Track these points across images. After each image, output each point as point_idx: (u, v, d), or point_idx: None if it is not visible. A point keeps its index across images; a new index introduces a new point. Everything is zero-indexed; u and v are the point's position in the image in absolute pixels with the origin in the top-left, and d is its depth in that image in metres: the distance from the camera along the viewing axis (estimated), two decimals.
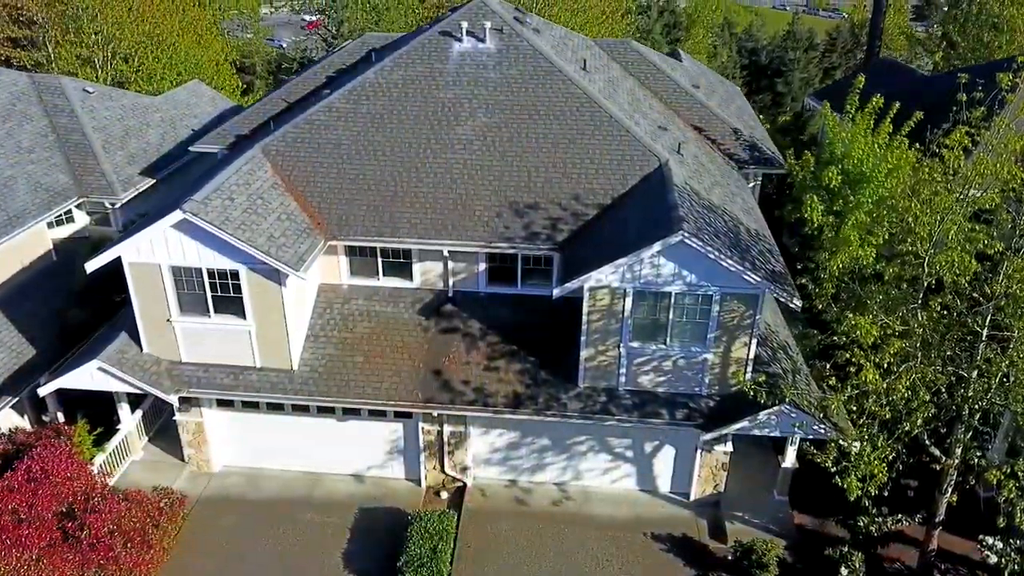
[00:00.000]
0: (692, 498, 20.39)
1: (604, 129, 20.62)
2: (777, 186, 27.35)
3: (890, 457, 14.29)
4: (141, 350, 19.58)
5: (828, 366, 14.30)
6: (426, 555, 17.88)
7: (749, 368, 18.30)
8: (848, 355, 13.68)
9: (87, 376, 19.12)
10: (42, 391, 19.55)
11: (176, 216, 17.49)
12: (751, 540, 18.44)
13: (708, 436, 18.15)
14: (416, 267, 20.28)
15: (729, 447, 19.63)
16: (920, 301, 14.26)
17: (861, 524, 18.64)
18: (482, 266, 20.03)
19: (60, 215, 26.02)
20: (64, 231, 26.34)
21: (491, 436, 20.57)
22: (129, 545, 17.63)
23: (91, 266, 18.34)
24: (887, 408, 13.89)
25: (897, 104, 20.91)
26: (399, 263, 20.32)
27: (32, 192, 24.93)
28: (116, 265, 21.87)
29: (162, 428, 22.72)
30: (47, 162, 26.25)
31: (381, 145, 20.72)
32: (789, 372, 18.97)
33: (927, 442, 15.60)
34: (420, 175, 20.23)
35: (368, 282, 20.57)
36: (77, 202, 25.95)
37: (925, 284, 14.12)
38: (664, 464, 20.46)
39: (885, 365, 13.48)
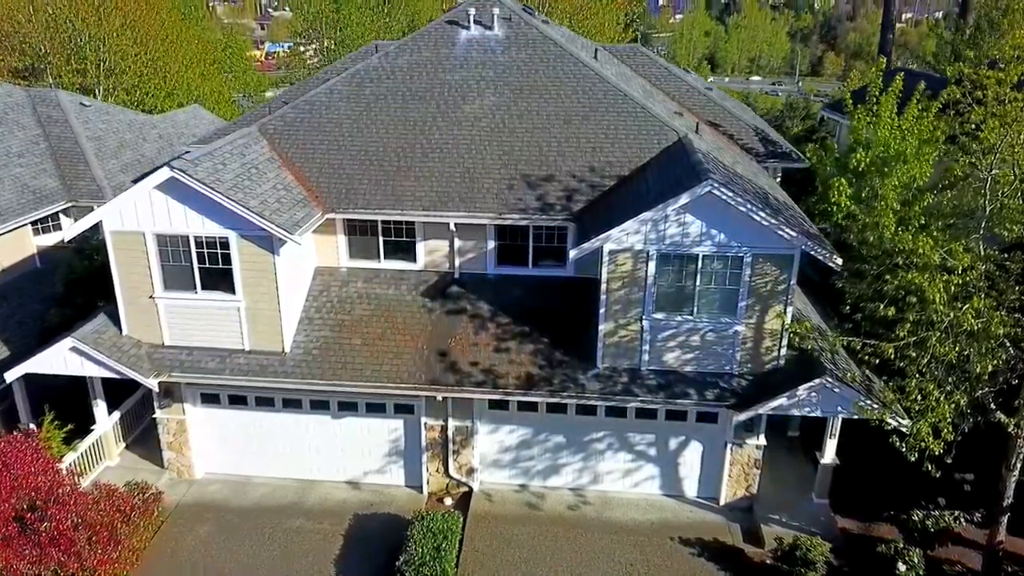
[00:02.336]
0: (722, 502, 18.43)
1: (619, 106, 19.66)
2: (798, 185, 26.23)
3: (961, 402, 12.56)
4: (121, 332, 18.00)
5: (882, 305, 12.74)
6: (428, 554, 15.88)
7: (784, 341, 16.71)
8: (910, 277, 12.14)
9: (59, 358, 17.50)
10: (9, 375, 17.85)
11: (163, 174, 16.25)
12: (794, 537, 16.48)
13: (742, 416, 16.38)
14: (420, 247, 18.90)
15: (762, 440, 17.83)
16: (981, 231, 12.87)
17: (916, 519, 16.70)
18: (491, 244, 18.66)
19: (47, 223, 24.91)
20: (50, 239, 25.07)
21: (500, 434, 18.77)
22: (94, 540, 15.63)
23: (71, 232, 17.07)
24: (954, 346, 12.26)
25: (923, 84, 19.97)
26: (401, 243, 18.96)
27: (18, 193, 23.83)
28: (99, 267, 20.61)
29: (142, 436, 20.92)
30: (36, 167, 25.27)
31: (384, 124, 19.71)
32: (827, 351, 17.34)
33: (992, 405, 13.90)
34: (425, 151, 19.12)
35: (368, 264, 19.16)
36: (65, 206, 24.80)
37: (987, 212, 12.74)
38: (690, 464, 18.58)
39: (952, 290, 11.94)
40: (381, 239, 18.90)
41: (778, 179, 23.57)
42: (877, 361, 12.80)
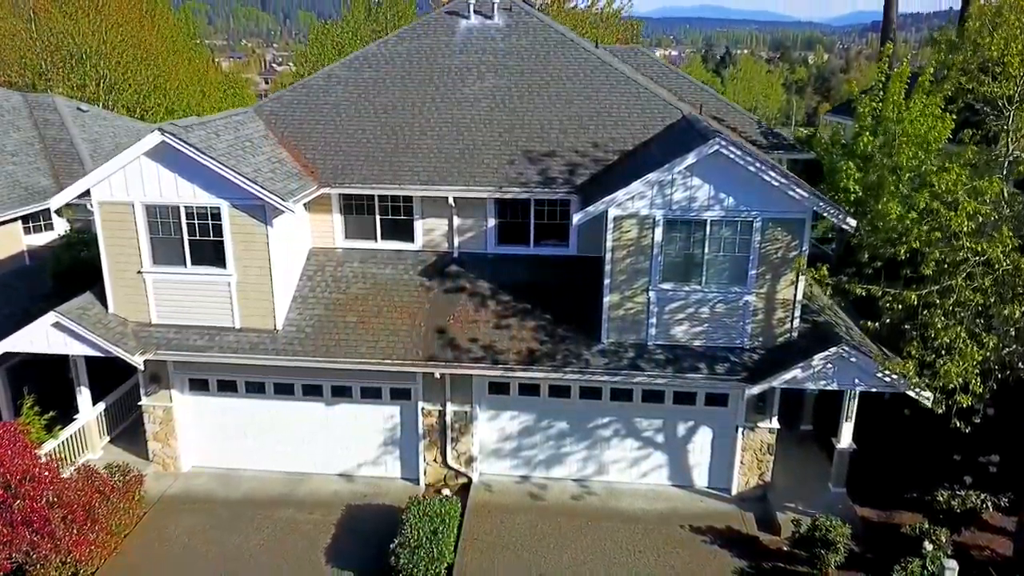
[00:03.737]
0: (734, 491, 17.54)
1: (622, 87, 19.37)
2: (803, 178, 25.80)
3: (990, 345, 11.81)
4: (107, 310, 17.32)
5: (903, 249, 12.11)
6: (425, 537, 14.95)
7: (797, 312, 16.03)
8: (934, 205, 11.51)
9: (41, 335, 16.78)
10: None
11: (153, 139, 15.79)
12: (812, 519, 15.56)
13: (755, 389, 15.57)
14: (418, 225, 18.34)
15: (775, 423, 17.03)
16: (1005, 171, 12.32)
17: (941, 499, 15.78)
18: (491, 222, 18.11)
19: (39, 221, 24.42)
20: (41, 238, 24.54)
21: (501, 420, 17.96)
22: (69, 519, 14.70)
23: (56, 202, 16.52)
24: (982, 281, 11.56)
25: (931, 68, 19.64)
26: (399, 222, 18.39)
27: (9, 188, 23.38)
28: (88, 260, 20.01)
29: (127, 431, 20.06)
30: (30, 165, 24.90)
31: (383, 105, 19.38)
32: (840, 326, 16.67)
33: (1020, 364, 13.17)
34: (424, 129, 18.74)
35: (365, 244, 18.57)
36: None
37: (1010, 148, 12.20)
38: (700, 451, 17.73)
39: (979, 219, 11.31)
40: (378, 218, 18.36)
41: None
42: (900, 306, 12.09)
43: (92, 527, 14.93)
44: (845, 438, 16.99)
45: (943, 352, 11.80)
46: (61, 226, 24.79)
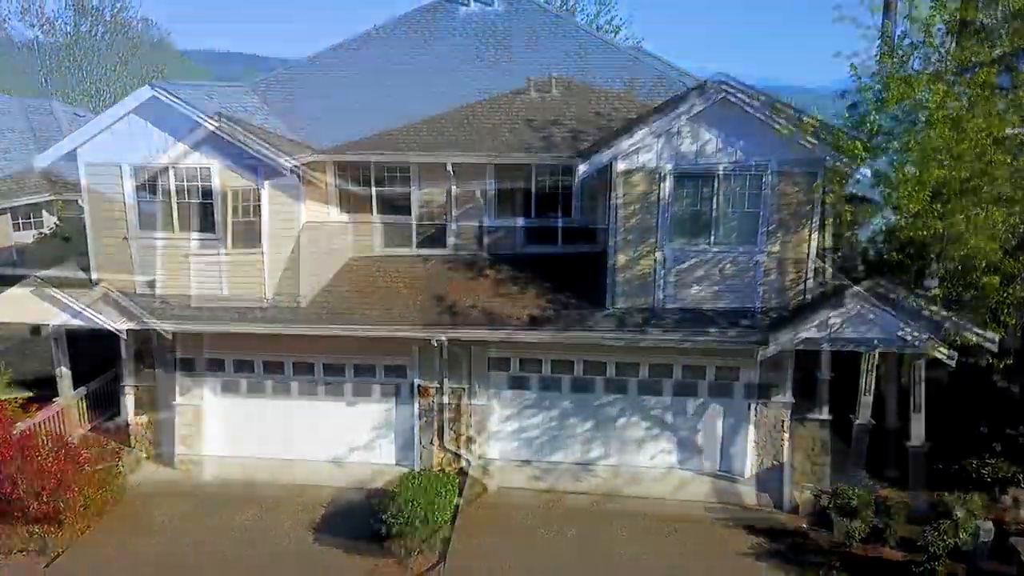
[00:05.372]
0: (748, 473, 16.59)
1: (625, 64, 19.08)
2: None
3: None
4: (90, 280, 16.59)
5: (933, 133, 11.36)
6: (421, 507, 14.04)
7: (811, 271, 15.31)
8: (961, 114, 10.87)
9: (19, 302, 16.00)
10: None
11: (143, 94, 15.33)
12: (833, 489, 14.60)
13: (770, 350, 14.70)
14: (415, 197, 17.70)
15: (789, 396, 16.16)
16: None
17: (970, 468, 14.82)
18: (491, 193, 17.41)
19: (29, 219, 23.97)
20: (30, 236, 24.02)
21: (501, 400, 17.10)
22: (36, 483, 13.72)
23: (41, 160, 16.12)
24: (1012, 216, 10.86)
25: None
26: (396, 194, 17.74)
27: None
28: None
29: (110, 421, 19.04)
30: (22, 162, 24.49)
31: (381, 81, 18.99)
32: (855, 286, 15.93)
33: None
34: (422, 101, 18.24)
35: (361, 218, 17.90)
36: (49, 198, 23.87)
37: None
38: (711, 431, 16.82)
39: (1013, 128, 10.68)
40: (374, 190, 17.74)
41: None
42: (926, 233, 11.37)
43: (64, 492, 13.95)
44: (864, 414, 16.08)
45: (976, 274, 11.06)
46: (50, 225, 24.29)
